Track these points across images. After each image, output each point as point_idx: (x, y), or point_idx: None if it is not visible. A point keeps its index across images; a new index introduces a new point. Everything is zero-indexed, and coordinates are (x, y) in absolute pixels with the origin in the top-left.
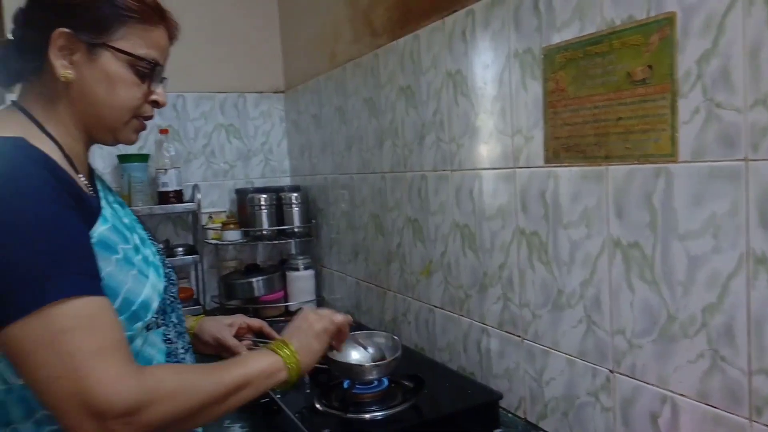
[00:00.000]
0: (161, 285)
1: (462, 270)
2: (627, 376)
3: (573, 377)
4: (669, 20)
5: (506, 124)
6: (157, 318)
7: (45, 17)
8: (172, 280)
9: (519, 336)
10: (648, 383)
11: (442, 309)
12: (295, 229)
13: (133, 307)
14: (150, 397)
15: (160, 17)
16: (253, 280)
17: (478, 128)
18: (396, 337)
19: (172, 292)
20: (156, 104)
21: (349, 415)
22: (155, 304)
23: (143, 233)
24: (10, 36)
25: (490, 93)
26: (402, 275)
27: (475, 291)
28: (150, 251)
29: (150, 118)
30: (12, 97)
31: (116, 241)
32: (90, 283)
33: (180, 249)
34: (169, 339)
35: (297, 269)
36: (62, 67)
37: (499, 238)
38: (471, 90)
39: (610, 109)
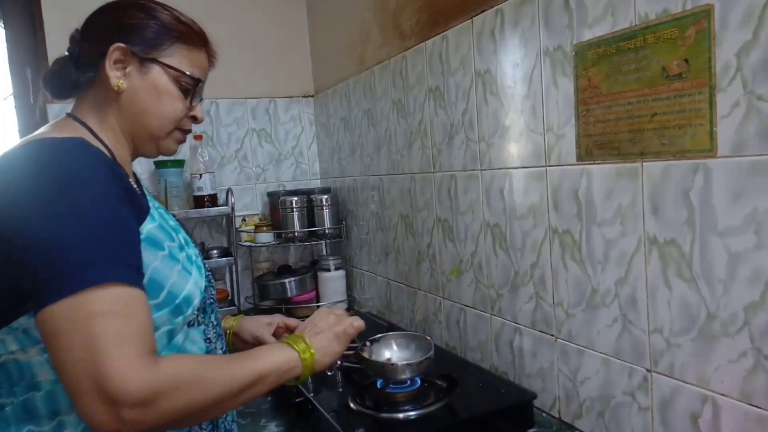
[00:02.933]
0: (203, 283)
1: (493, 269)
2: (665, 375)
3: (609, 377)
4: (706, 12)
5: (537, 123)
6: (198, 316)
7: (103, 34)
8: (212, 281)
9: (552, 335)
10: (687, 383)
11: (473, 308)
12: (326, 231)
13: (177, 301)
14: (166, 388)
15: (203, 42)
16: (286, 280)
17: (508, 127)
18: (428, 338)
19: (211, 293)
20: (195, 120)
21: (383, 415)
22: (197, 300)
23: (186, 236)
24: (66, 53)
25: (520, 92)
26: (432, 275)
27: (507, 290)
28: (193, 252)
29: (189, 131)
30: (66, 109)
31: (162, 239)
32: (131, 274)
33: (215, 251)
34: (208, 338)
35: (328, 270)
36: (116, 78)
37: (531, 237)
38: (500, 89)
39: (645, 105)
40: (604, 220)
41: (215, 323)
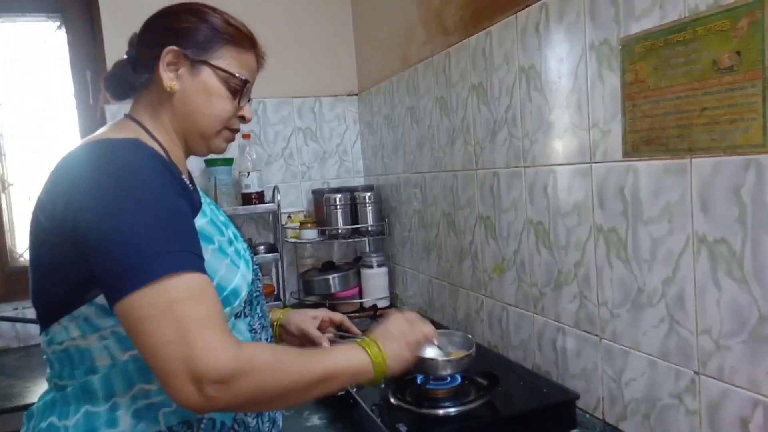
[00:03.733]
0: (250, 277)
1: (536, 267)
2: (714, 378)
3: (655, 378)
4: (759, 2)
5: (582, 118)
6: (244, 307)
7: (157, 37)
8: (258, 275)
9: (597, 335)
10: (737, 386)
11: (516, 307)
12: (369, 228)
13: (225, 293)
14: (244, 369)
15: (251, 45)
16: (330, 277)
17: (552, 123)
18: (470, 336)
19: (258, 287)
20: (243, 119)
21: (423, 410)
22: (244, 293)
23: (236, 231)
24: (125, 56)
25: (564, 87)
26: (474, 273)
27: (550, 289)
28: (242, 246)
29: (237, 131)
30: (124, 110)
31: (213, 233)
32: (199, 262)
33: (262, 247)
34: (254, 329)
35: (371, 266)
36: (169, 79)
37: (575, 235)
38: (545, 84)
39: (694, 100)
40: (651, 218)
41: (261, 315)
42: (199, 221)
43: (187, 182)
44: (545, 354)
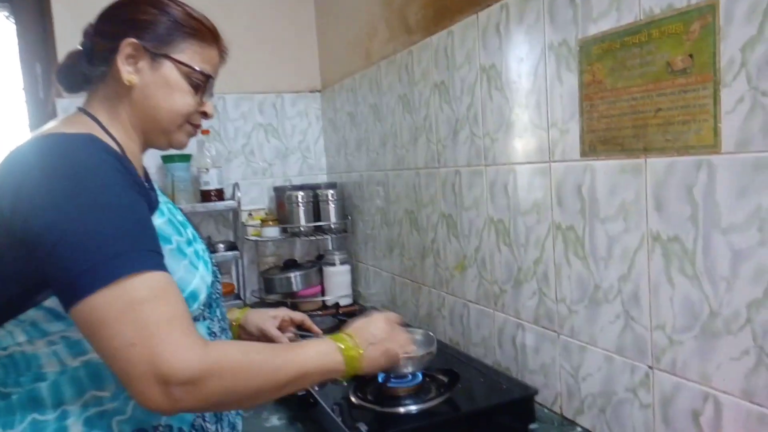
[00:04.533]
0: (209, 279)
1: (496, 265)
2: (667, 372)
3: (611, 373)
4: (711, 7)
5: (541, 118)
6: (203, 310)
7: (116, 29)
8: (218, 276)
9: (555, 331)
10: (689, 380)
11: (477, 304)
12: (332, 225)
13: (183, 296)
14: (213, 370)
15: (214, 38)
16: (291, 275)
17: (513, 122)
18: (431, 333)
19: (217, 288)
20: (205, 115)
21: (384, 409)
22: (203, 296)
23: (194, 231)
24: (79, 47)
25: (524, 86)
26: (437, 270)
27: (510, 286)
28: (201, 247)
29: (199, 126)
30: (76, 103)
31: (170, 233)
32: (159, 260)
33: (221, 245)
34: (213, 333)
35: (333, 264)
36: (127, 73)
37: (534, 233)
38: (505, 84)
39: (649, 101)
40: (608, 216)
41: (220, 317)
42: (157, 221)
43: (143, 180)
44: (505, 350)
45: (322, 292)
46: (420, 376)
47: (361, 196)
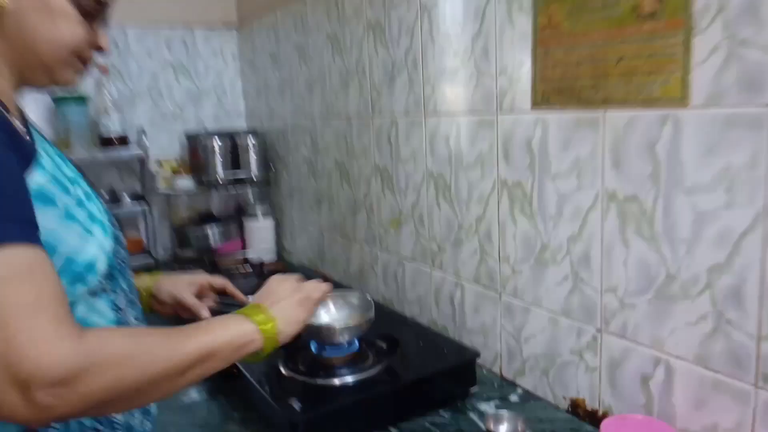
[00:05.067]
0: (109, 244)
1: (435, 222)
2: (616, 336)
3: (555, 335)
4: None
5: (489, 65)
6: (103, 283)
7: None
8: (121, 240)
9: (497, 291)
10: (640, 344)
11: (413, 261)
12: (253, 176)
13: (77, 269)
14: (90, 364)
15: None
16: (209, 229)
17: (457, 69)
18: (369, 297)
19: (121, 256)
20: (98, 49)
21: (318, 381)
22: (102, 266)
23: (88, 188)
24: None
25: (470, 29)
26: (369, 226)
27: (450, 244)
28: (96, 207)
29: (89, 60)
30: None
31: (56, 194)
32: (28, 230)
33: (127, 197)
34: (118, 307)
35: (255, 218)
36: None
37: (478, 189)
38: (449, 26)
39: (612, 48)
40: (559, 172)
41: (127, 289)
42: (35, 179)
43: (18, 125)
44: (442, 309)
45: (243, 248)
46: (356, 343)
47: (286, 144)
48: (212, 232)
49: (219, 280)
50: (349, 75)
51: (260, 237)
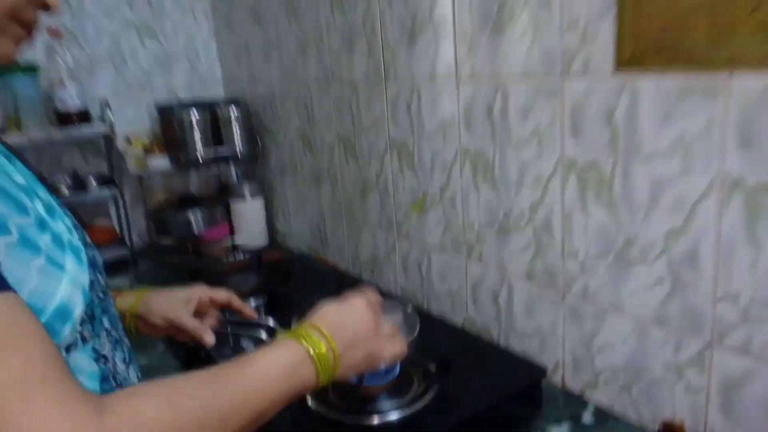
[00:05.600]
0: (86, 278)
1: (472, 207)
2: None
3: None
4: None
5: (550, 16)
6: (81, 331)
7: None
8: (98, 265)
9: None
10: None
11: (443, 252)
12: (238, 152)
13: (44, 318)
14: None
15: None
16: (191, 213)
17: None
18: (413, 311)
19: (101, 287)
20: (44, 6)
21: (354, 419)
22: (78, 310)
23: (49, 197)
24: None
25: None
26: (384, 209)
27: (493, 233)
28: (63, 225)
29: (34, 24)
30: None
31: (5, 213)
32: None
33: (94, 181)
34: (101, 355)
35: (243, 199)
36: None
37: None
38: None
39: None
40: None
41: (110, 326)
42: None
43: None
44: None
45: (231, 233)
46: (398, 367)
47: (274, 115)
48: (194, 217)
49: (222, 295)
50: (354, 33)
51: (249, 220)
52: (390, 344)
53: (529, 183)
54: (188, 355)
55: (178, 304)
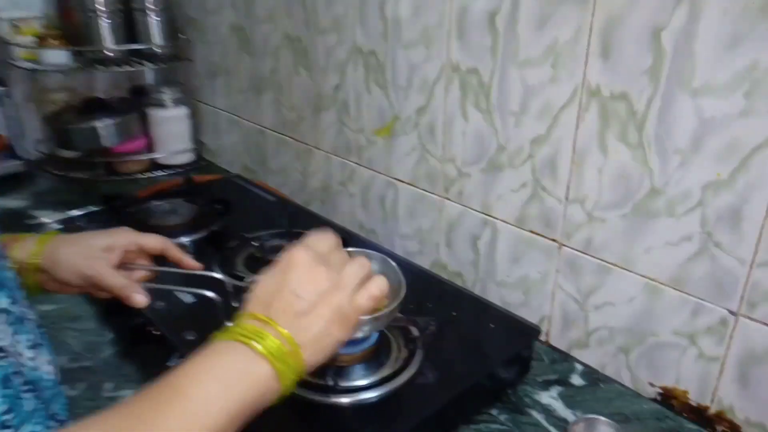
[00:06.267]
0: None
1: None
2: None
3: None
4: None
5: None
6: None
7: None
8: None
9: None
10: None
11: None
12: (155, 49)
13: None
14: None
15: None
16: (99, 123)
17: None
18: (396, 267)
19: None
20: None
21: (324, 397)
22: None
23: None
24: None
25: None
26: (342, 131)
27: (478, 170)
28: None
29: None
30: None
31: None
32: None
33: None
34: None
35: (164, 106)
36: None
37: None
38: None
39: None
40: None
41: (6, 304)
42: None
43: None
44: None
45: (149, 148)
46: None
47: (201, 4)
48: (103, 126)
49: (154, 242)
50: None
51: (172, 132)
52: (364, 292)
53: (535, 113)
54: (113, 312)
55: (96, 256)
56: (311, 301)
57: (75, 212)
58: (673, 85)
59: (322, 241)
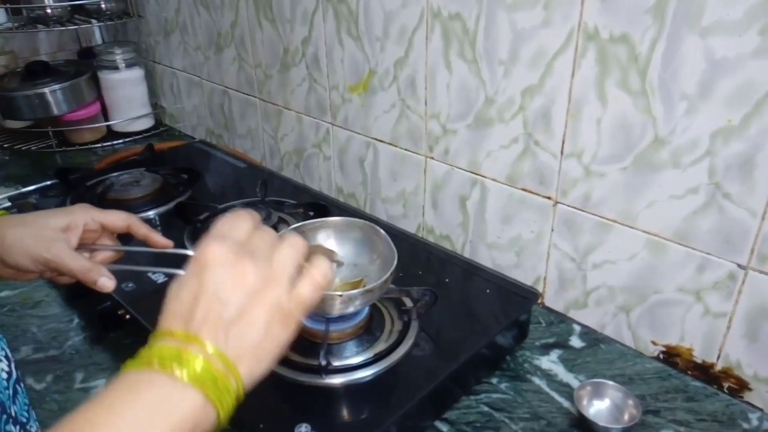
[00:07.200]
0: None
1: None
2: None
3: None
4: None
5: None
6: None
7: None
8: None
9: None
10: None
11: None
12: (102, 5)
13: None
14: None
15: None
16: (46, 88)
17: None
18: (386, 236)
19: None
20: None
21: (314, 378)
22: None
23: None
24: None
25: None
26: (314, 89)
27: (465, 126)
28: None
29: None
30: None
31: None
32: None
33: None
34: None
35: (116, 68)
36: None
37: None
38: None
39: None
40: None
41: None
42: None
43: None
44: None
45: (104, 115)
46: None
47: None
48: (51, 92)
49: (117, 218)
50: None
51: (127, 96)
52: (305, 281)
53: (527, 61)
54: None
55: (53, 237)
56: (240, 304)
57: (26, 188)
58: (679, 24)
59: (237, 225)
